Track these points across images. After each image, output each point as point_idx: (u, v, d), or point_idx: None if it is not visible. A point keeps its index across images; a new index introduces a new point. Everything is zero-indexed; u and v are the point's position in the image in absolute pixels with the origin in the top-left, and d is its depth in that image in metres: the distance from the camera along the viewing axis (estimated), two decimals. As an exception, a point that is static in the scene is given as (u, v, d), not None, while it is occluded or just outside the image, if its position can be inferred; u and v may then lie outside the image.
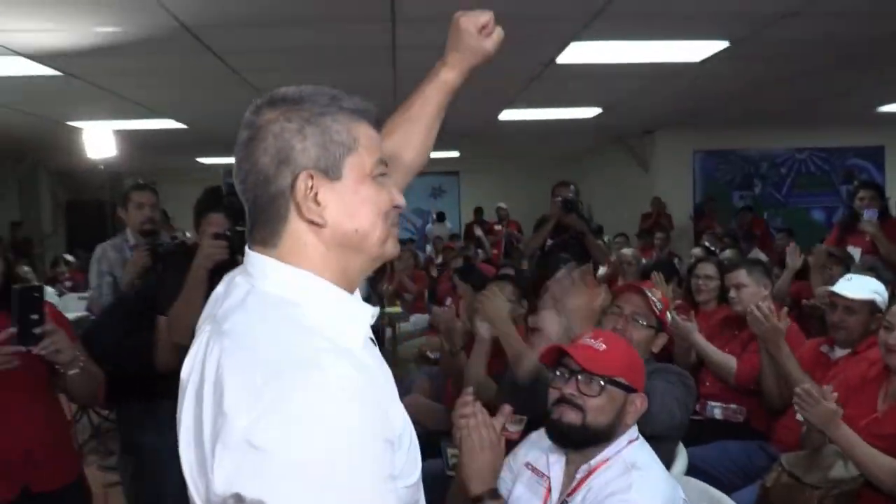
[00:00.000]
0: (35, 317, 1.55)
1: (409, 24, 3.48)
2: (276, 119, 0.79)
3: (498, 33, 1.22)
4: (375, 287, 6.89)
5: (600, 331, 1.61)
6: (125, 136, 6.45)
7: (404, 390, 3.73)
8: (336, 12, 3.28)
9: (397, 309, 5.07)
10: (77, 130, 6.16)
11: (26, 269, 6.10)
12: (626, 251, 4.51)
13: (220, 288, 0.87)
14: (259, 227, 0.81)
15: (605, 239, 6.20)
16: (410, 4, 3.21)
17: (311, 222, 0.78)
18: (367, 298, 1.01)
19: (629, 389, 1.40)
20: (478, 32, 1.20)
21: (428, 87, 1.23)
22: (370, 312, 0.84)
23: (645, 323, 1.92)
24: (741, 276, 2.65)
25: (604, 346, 1.41)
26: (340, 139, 0.80)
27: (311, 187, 0.77)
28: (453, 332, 2.62)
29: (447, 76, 1.23)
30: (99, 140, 5.95)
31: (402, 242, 4.88)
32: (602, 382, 1.36)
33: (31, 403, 1.72)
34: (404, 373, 3.96)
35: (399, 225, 0.90)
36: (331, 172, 0.79)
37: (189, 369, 0.80)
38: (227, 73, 4.30)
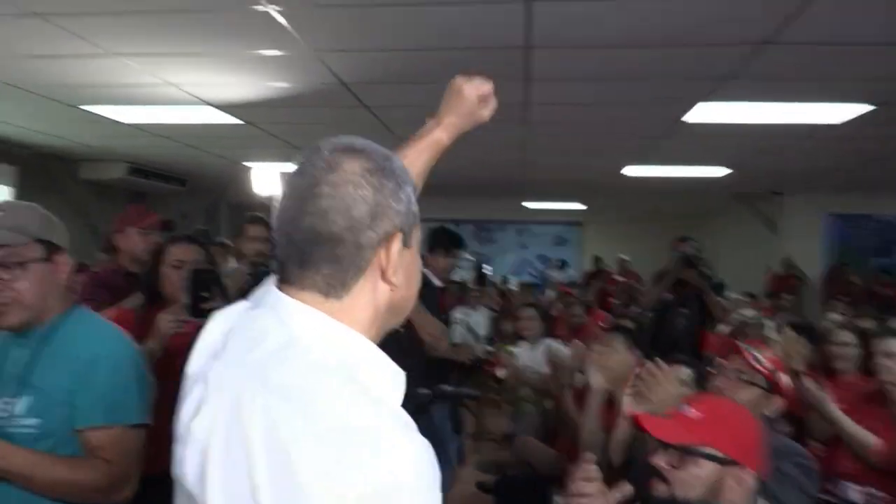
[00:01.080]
0: (205, 294, 1.75)
1: (543, 82, 3.43)
2: (374, 172, 0.72)
3: (494, 104, 1.19)
4: (498, 326, 6.80)
5: (706, 395, 1.42)
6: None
7: (521, 430, 3.59)
8: (476, 73, 3.28)
9: (515, 348, 4.93)
10: (251, 170, 6.64)
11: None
12: (748, 311, 4.11)
13: (227, 324, 0.75)
14: (322, 272, 0.70)
15: (728, 296, 5.75)
16: (544, 64, 3.16)
17: (389, 283, 0.73)
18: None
19: (725, 462, 1.15)
20: (478, 101, 1.18)
21: (422, 144, 1.18)
22: (403, 378, 0.73)
23: (750, 381, 1.67)
24: (893, 345, 2.30)
25: (697, 413, 1.20)
26: (415, 209, 0.76)
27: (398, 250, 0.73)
28: (561, 371, 2.46)
29: (441, 136, 1.19)
30: (265, 179, 6.36)
31: (527, 286, 4.78)
32: (684, 453, 1.15)
33: None
34: (519, 412, 3.83)
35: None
36: (407, 239, 0.74)
37: (208, 416, 0.68)
38: (377, 125, 4.45)
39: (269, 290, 0.74)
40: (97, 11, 2.59)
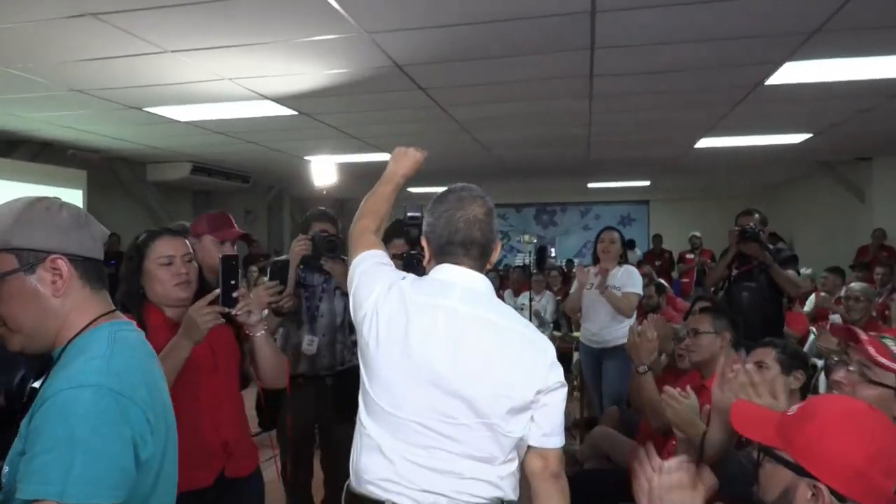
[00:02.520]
0: (233, 282, 1.65)
1: (608, 51, 3.22)
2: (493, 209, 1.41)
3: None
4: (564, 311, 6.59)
5: (826, 396, 1.23)
6: (347, 168, 6.86)
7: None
8: (536, 44, 3.11)
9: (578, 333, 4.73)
10: (311, 163, 6.65)
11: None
12: (856, 286, 3.76)
13: (440, 277, 1.35)
14: (483, 259, 1.37)
15: (803, 270, 5.34)
16: (609, 32, 2.95)
17: None
18: None
19: (796, 470, 1.02)
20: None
21: (388, 189, 1.76)
22: None
23: (876, 380, 1.40)
24: None
25: (794, 413, 1.09)
26: None
27: None
28: (640, 349, 2.25)
29: (400, 182, 1.79)
30: (323, 171, 6.35)
31: (588, 265, 4.57)
32: (763, 452, 1.09)
33: (233, 393, 1.77)
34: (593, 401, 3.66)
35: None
36: None
37: (455, 324, 1.28)
38: (432, 106, 4.32)
39: (450, 266, 1.34)
40: (147, 6, 2.55)
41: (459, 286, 1.31)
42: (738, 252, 3.62)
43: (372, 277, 1.38)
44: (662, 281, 5.44)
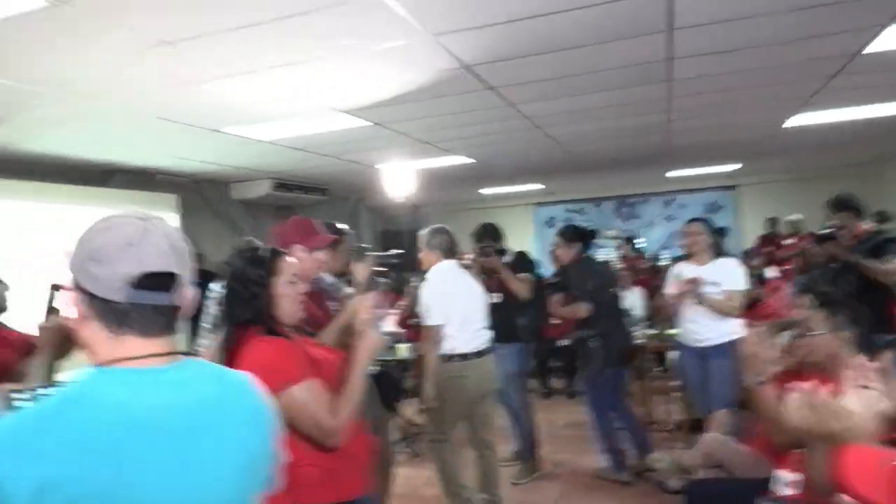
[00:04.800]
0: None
1: (688, 31, 3.02)
2: None
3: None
4: (655, 308, 6.32)
5: None
6: (422, 174, 6.86)
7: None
8: (610, 32, 2.97)
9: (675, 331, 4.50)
10: (385, 171, 6.69)
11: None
12: None
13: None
14: None
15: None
16: (688, 10, 2.76)
17: None
18: None
19: None
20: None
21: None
22: None
23: None
24: None
25: None
26: None
27: None
28: (755, 362, 2.07)
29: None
30: (399, 179, 6.37)
31: (679, 258, 4.35)
32: None
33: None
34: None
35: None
36: None
37: None
38: (502, 105, 4.23)
39: None
40: (218, 30, 2.60)
41: None
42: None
43: None
44: (770, 270, 5.12)
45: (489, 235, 4.41)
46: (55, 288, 1.90)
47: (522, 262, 4.43)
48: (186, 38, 2.66)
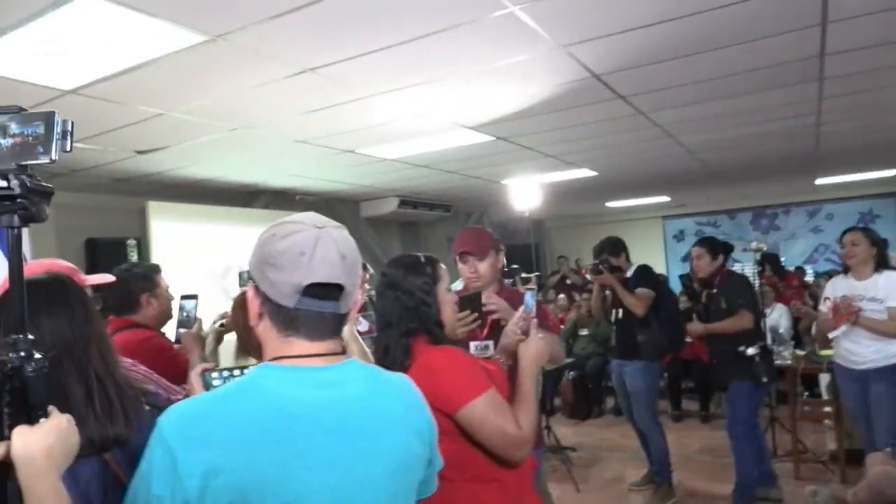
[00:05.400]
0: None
1: (843, 23, 2.77)
2: None
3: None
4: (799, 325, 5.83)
5: None
6: (545, 188, 6.79)
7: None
8: (754, 31, 2.78)
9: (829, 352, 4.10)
10: (508, 186, 6.70)
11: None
12: None
13: None
14: None
15: None
16: (844, 1, 2.53)
17: None
18: None
19: None
20: None
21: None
22: None
23: None
24: None
25: None
26: None
27: None
28: None
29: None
30: (523, 194, 6.35)
31: (834, 272, 3.96)
32: None
33: None
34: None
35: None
36: None
37: None
38: (633, 114, 4.09)
39: None
40: (354, 55, 2.73)
41: None
42: None
43: None
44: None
45: (607, 250, 4.29)
46: (186, 298, 2.07)
47: (642, 277, 4.22)
48: (327, 63, 2.81)
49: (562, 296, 8.12)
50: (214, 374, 1.35)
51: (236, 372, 1.33)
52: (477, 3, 2.33)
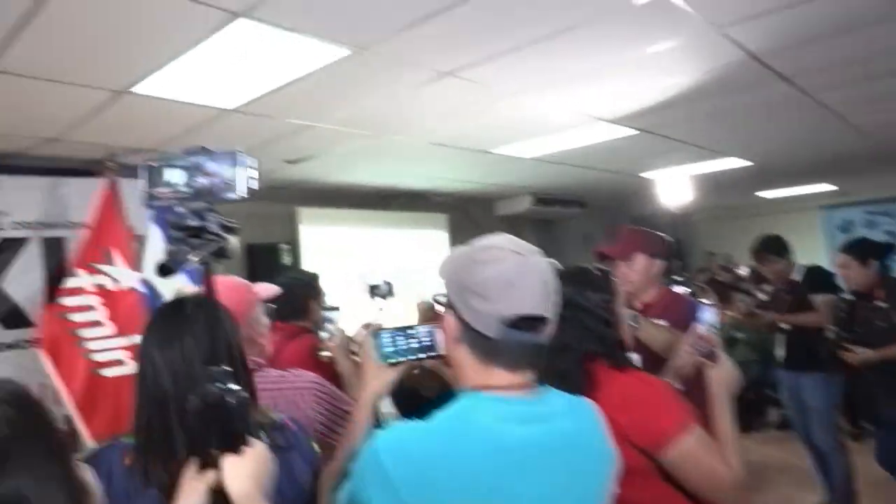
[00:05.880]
0: None
1: None
2: None
3: None
4: None
5: None
6: (691, 180, 6.38)
7: None
8: None
9: None
10: (649, 180, 6.37)
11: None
12: None
13: None
14: None
15: None
16: None
17: None
18: None
19: None
20: None
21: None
22: None
23: None
24: None
25: None
26: None
27: None
28: None
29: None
30: (665, 187, 6.01)
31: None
32: None
33: None
34: None
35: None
36: None
37: None
38: (796, 95, 3.70)
39: None
40: (494, 54, 2.68)
41: None
42: None
43: None
44: None
45: (770, 249, 3.86)
46: (329, 309, 2.06)
47: (817, 281, 3.75)
48: (466, 66, 2.80)
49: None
50: (386, 336, 1.29)
51: (411, 332, 1.29)
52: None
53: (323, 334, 2.03)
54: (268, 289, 1.66)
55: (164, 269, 0.96)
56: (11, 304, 3.65)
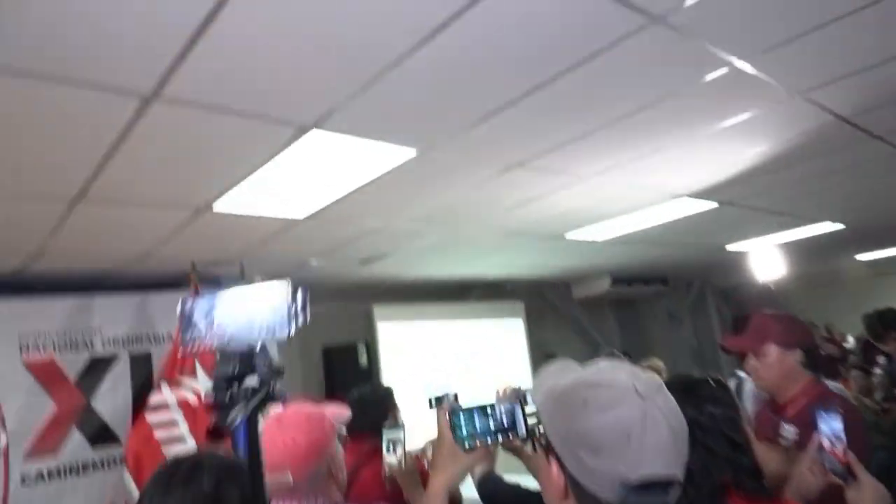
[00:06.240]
0: None
1: None
2: None
3: None
4: None
5: None
6: (778, 248, 6.02)
7: None
8: None
9: None
10: (735, 252, 6.05)
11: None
12: None
13: None
14: None
15: None
16: None
17: None
18: None
19: None
20: None
21: None
22: None
23: None
24: None
25: None
26: None
27: None
28: None
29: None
30: (762, 259, 5.68)
31: None
32: None
33: None
34: None
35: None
36: None
37: None
38: (891, 152, 3.44)
39: None
40: (564, 141, 2.63)
41: None
42: None
43: None
44: None
45: (891, 324, 3.47)
46: (391, 428, 1.77)
47: None
48: (534, 156, 2.75)
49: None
50: (463, 416, 1.17)
51: (491, 411, 1.17)
52: (688, 66, 2.11)
53: (390, 459, 1.72)
54: (341, 414, 1.55)
55: (215, 433, 0.87)
56: (101, 423, 3.71)
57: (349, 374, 5.24)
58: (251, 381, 0.85)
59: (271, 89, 1.90)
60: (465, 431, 1.15)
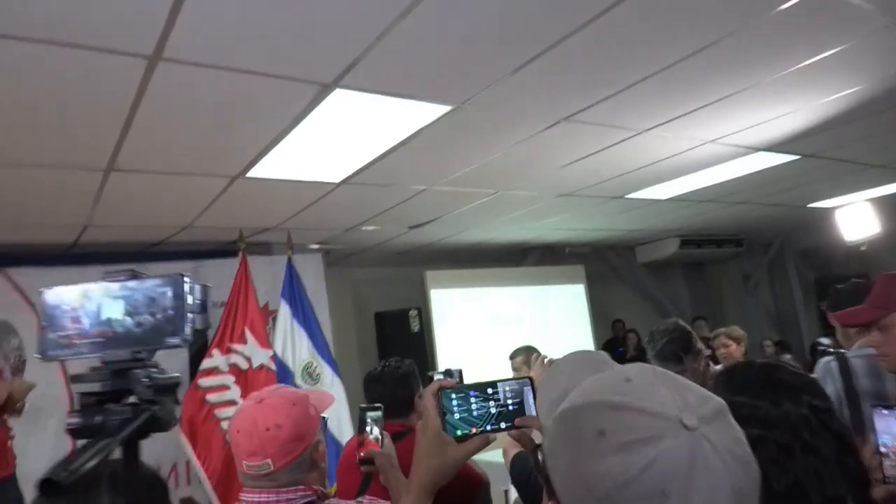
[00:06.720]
0: None
1: None
2: None
3: None
4: None
5: None
6: (870, 204, 5.46)
7: None
8: None
9: None
10: (820, 209, 5.54)
11: (787, 356, 5.64)
12: None
13: None
14: None
15: None
16: None
17: None
18: None
19: None
20: None
21: None
22: None
23: None
24: None
25: None
26: None
27: None
28: None
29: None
30: (851, 217, 5.16)
31: None
32: None
33: None
34: None
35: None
36: None
37: None
38: None
39: None
40: (611, 93, 2.34)
41: None
42: None
43: None
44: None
45: None
46: (369, 409, 1.53)
47: None
48: (582, 109, 2.48)
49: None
50: (455, 397, 0.92)
51: (493, 391, 0.92)
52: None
53: (369, 439, 1.44)
54: (323, 401, 1.37)
55: (48, 485, 0.61)
56: (157, 388, 3.76)
57: (400, 341, 5.16)
58: (124, 405, 0.68)
59: (283, 45, 1.73)
60: (456, 416, 0.90)
